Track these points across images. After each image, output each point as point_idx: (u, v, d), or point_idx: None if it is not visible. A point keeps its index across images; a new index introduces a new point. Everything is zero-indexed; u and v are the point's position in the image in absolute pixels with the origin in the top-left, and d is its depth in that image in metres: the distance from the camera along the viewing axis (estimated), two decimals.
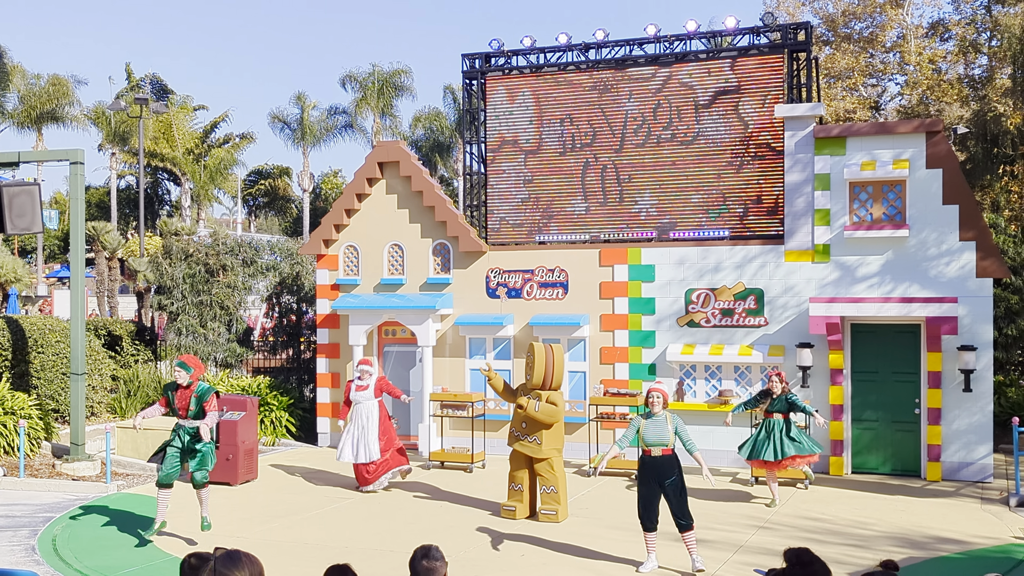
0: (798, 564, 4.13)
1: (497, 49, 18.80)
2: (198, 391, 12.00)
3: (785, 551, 4.24)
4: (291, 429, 19.71)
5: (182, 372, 11.99)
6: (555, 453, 12.96)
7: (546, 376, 12.93)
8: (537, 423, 12.88)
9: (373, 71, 48.45)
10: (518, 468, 13.15)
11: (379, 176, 18.93)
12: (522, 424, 13.02)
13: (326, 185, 66.06)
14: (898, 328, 15.91)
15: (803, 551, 4.19)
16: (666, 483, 10.47)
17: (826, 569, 4.15)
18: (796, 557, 4.16)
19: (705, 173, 17.43)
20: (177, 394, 12.07)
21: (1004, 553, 11.24)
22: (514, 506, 13.11)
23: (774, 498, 13.72)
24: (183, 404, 12.03)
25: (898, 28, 36.90)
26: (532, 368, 12.98)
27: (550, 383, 12.97)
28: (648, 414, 10.68)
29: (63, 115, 46.76)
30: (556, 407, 12.84)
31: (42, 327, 19.30)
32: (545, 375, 12.93)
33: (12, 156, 17.06)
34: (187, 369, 12.01)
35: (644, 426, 10.59)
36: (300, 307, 22.52)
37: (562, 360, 13.11)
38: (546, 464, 12.91)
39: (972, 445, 15.45)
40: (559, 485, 12.88)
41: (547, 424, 12.88)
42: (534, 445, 12.93)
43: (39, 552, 11.55)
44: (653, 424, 10.54)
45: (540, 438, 12.92)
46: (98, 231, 28.71)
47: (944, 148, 15.68)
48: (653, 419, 10.59)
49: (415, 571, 4.75)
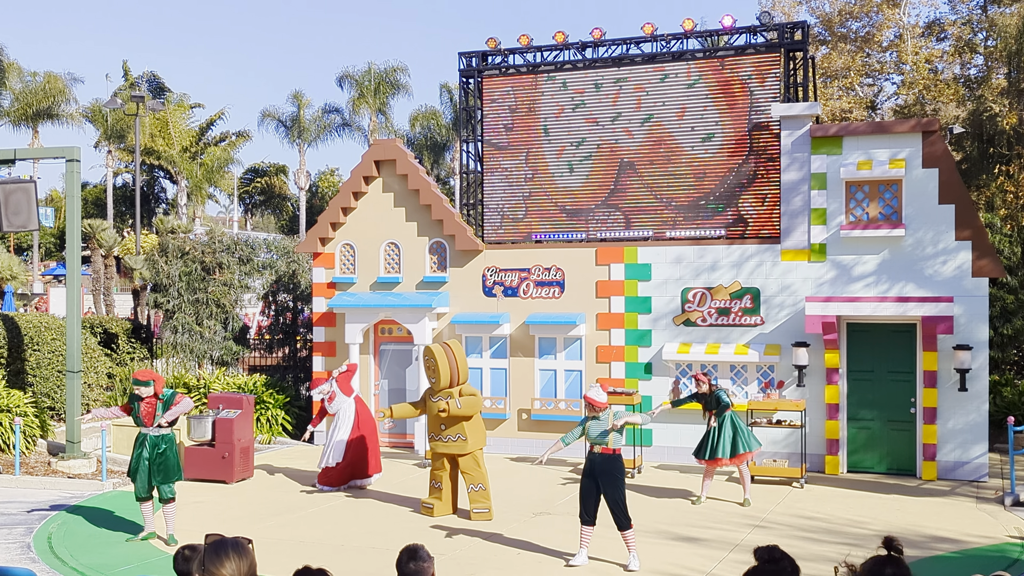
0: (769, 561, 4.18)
1: (493, 48, 18.79)
2: (163, 397, 11.93)
3: (755, 549, 4.31)
4: (287, 427, 19.71)
5: (142, 388, 11.90)
6: (478, 447, 13.02)
7: (452, 374, 12.98)
8: (457, 419, 12.92)
9: (370, 69, 48.42)
10: (439, 468, 13.18)
11: (376, 174, 18.92)
12: (440, 426, 13.06)
13: (323, 183, 66.04)
14: (894, 327, 15.93)
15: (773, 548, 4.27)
16: (604, 481, 10.53)
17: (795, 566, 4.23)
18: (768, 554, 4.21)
19: (702, 172, 17.43)
20: (142, 403, 11.95)
21: (999, 552, 11.26)
22: (432, 503, 13.21)
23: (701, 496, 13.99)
24: (149, 412, 11.91)
25: (894, 28, 36.92)
26: (436, 371, 12.96)
27: (457, 379, 13.02)
28: (594, 417, 10.77)
29: (59, 113, 46.70)
30: (475, 396, 12.98)
31: (38, 325, 19.28)
32: (451, 373, 12.97)
33: (8, 153, 17.06)
34: (146, 385, 11.90)
35: (589, 425, 10.76)
36: (296, 305, 22.51)
37: (463, 354, 13.15)
38: (471, 460, 12.96)
39: (967, 444, 15.47)
40: (486, 481, 12.96)
41: (469, 416, 12.93)
42: (459, 442, 12.95)
43: (34, 550, 11.53)
44: (596, 423, 10.70)
45: (464, 433, 12.95)
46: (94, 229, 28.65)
47: (940, 148, 15.70)
48: (596, 420, 10.73)
49: (402, 572, 4.73)
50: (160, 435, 11.90)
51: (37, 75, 46.55)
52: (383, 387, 18.96)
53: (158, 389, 11.94)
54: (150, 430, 11.91)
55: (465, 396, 12.90)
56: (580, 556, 10.73)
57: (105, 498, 14.48)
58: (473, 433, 13.00)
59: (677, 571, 10.53)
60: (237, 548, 3.93)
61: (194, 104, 55.30)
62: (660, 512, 13.24)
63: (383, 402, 18.86)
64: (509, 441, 17.91)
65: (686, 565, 10.70)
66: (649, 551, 11.11)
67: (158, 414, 11.89)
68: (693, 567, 10.64)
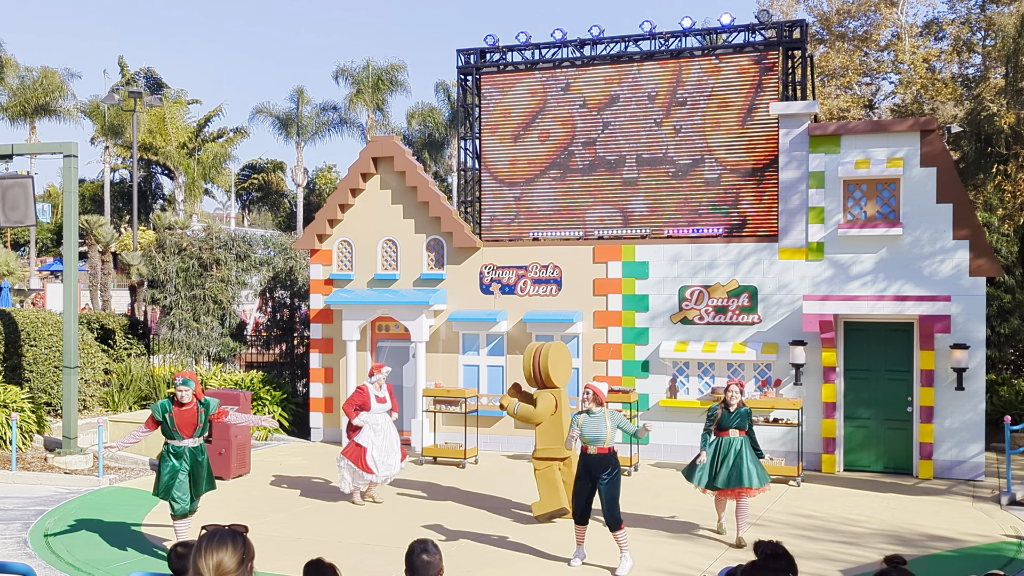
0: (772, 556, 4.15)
1: (492, 45, 18.78)
2: (204, 405, 10.82)
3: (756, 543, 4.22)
4: (284, 424, 19.71)
5: (187, 390, 10.70)
6: (543, 454, 12.59)
7: (534, 374, 12.84)
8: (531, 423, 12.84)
9: (367, 65, 48.36)
10: None
11: (373, 171, 18.90)
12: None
13: (320, 180, 65.97)
14: (891, 326, 15.94)
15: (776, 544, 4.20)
16: (599, 480, 10.44)
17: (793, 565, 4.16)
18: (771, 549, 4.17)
19: (700, 170, 17.43)
20: (176, 413, 10.72)
21: (995, 551, 11.28)
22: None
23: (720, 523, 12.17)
24: (189, 422, 10.73)
25: (892, 27, 36.95)
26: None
27: (541, 381, 12.85)
28: (588, 411, 10.64)
29: (56, 108, 46.65)
30: (532, 407, 12.69)
31: (35, 320, 19.26)
32: (534, 374, 12.85)
33: (6, 149, 17.04)
34: (190, 384, 10.73)
35: (583, 423, 10.56)
36: (293, 302, 22.49)
37: (546, 356, 12.73)
38: (535, 462, 12.64)
39: (964, 443, 15.49)
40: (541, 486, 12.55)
41: (534, 423, 12.73)
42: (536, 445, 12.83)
43: (31, 545, 11.52)
44: (591, 421, 10.53)
45: (536, 436, 12.79)
46: (91, 225, 28.65)
47: (938, 147, 15.71)
48: (591, 416, 10.57)
49: (412, 565, 4.74)
50: (198, 445, 10.86)
51: (33, 70, 46.49)
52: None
53: (198, 393, 10.83)
54: (189, 441, 10.76)
55: (526, 405, 12.72)
56: (577, 556, 10.68)
57: (102, 494, 14.47)
58: (540, 438, 12.64)
59: (675, 569, 10.54)
60: (233, 536, 3.90)
61: (191, 100, 55.27)
62: (657, 510, 13.24)
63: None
64: (506, 439, 17.91)
65: (683, 563, 10.70)
66: (646, 549, 11.12)
67: (200, 424, 10.76)
68: (690, 565, 10.64)
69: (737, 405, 11.54)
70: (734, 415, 11.51)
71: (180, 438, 10.72)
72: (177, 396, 10.72)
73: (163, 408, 10.75)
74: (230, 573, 3.81)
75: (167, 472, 10.69)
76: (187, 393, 10.69)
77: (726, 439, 11.50)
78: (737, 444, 11.45)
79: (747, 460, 11.38)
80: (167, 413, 10.71)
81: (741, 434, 11.50)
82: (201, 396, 10.84)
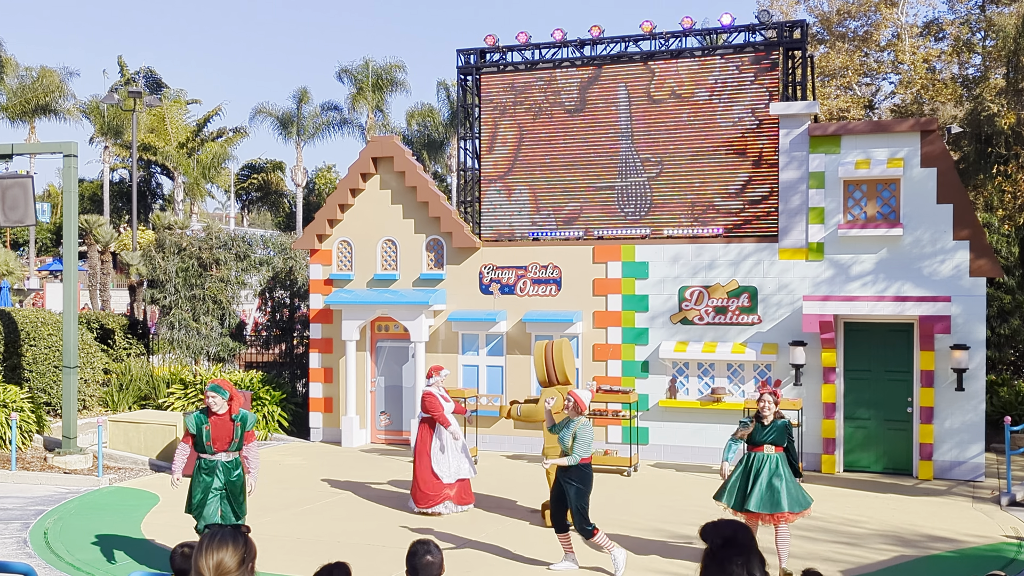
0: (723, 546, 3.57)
1: (492, 45, 18.77)
2: (240, 418, 10.00)
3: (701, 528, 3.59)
4: (283, 424, 19.70)
5: (218, 398, 9.87)
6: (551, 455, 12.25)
7: (548, 373, 12.79)
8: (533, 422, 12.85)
9: (367, 65, 48.36)
10: None
11: (373, 171, 18.90)
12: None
13: (320, 180, 65.99)
14: (891, 327, 15.94)
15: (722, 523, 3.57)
16: (567, 487, 10.28)
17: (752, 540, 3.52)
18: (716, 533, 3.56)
19: (700, 170, 17.42)
20: (212, 424, 9.92)
21: (995, 552, 11.27)
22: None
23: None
24: (223, 435, 9.92)
25: (892, 27, 36.94)
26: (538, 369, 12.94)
27: (555, 379, 12.76)
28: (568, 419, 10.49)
29: (56, 108, 46.65)
30: (534, 406, 12.63)
31: (34, 320, 19.25)
32: (547, 372, 12.80)
33: (5, 148, 17.03)
34: (223, 393, 9.91)
35: (561, 434, 10.44)
36: (293, 302, 22.48)
37: (559, 353, 12.69)
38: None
39: (964, 444, 15.48)
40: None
41: (536, 421, 12.77)
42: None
43: (31, 545, 11.51)
44: (565, 428, 10.38)
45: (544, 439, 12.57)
46: (91, 224, 28.62)
47: (938, 147, 15.70)
48: (567, 423, 10.41)
49: (413, 566, 4.74)
50: (232, 459, 10.04)
51: (32, 70, 46.50)
52: (379, 384, 18.95)
53: (234, 408, 9.97)
54: (223, 455, 9.96)
55: (528, 404, 12.68)
56: (564, 561, 10.52)
57: (101, 494, 14.46)
58: (548, 436, 12.19)
59: (673, 568, 10.53)
60: (235, 536, 3.91)
61: (191, 100, 55.33)
62: (655, 511, 13.24)
63: (379, 400, 18.86)
64: (505, 439, 17.90)
65: (681, 562, 10.69)
66: (644, 549, 11.11)
67: (235, 438, 9.95)
68: (689, 564, 10.63)
69: (773, 417, 10.12)
70: (769, 429, 10.09)
71: (212, 452, 9.91)
72: (208, 405, 9.92)
73: (197, 421, 9.93)
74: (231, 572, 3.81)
75: (199, 489, 9.95)
76: (218, 401, 9.88)
77: (759, 455, 10.07)
78: (772, 462, 9.99)
79: (785, 480, 9.93)
80: (203, 426, 9.89)
81: (777, 451, 10.07)
82: (237, 409, 10.02)
